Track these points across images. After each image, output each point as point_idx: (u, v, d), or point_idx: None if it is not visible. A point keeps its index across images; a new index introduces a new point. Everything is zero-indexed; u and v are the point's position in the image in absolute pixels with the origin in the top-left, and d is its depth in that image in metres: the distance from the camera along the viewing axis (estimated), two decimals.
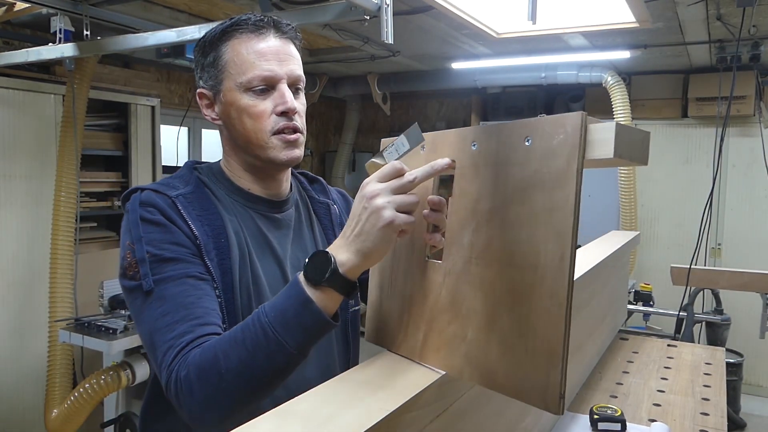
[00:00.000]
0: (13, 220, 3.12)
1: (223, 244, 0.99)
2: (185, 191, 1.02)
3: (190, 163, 1.12)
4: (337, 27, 3.38)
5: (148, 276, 0.91)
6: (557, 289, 0.63)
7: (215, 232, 1.00)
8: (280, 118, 1.01)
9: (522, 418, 1.13)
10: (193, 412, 0.82)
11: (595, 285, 1.67)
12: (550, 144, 0.65)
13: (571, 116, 0.64)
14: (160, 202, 0.98)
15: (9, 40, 3.24)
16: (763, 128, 4.19)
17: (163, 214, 0.97)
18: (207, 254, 0.97)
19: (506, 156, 0.70)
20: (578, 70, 4.29)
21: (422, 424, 0.72)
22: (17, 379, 3.15)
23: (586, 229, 4.08)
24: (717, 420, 1.44)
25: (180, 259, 0.94)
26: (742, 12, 2.54)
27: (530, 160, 0.67)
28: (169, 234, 0.96)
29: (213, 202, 1.04)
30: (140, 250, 0.94)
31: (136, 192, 1.01)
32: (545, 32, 3.32)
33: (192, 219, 0.98)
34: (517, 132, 0.69)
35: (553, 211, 0.64)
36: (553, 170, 0.64)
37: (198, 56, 1.07)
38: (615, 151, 0.61)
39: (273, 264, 1.06)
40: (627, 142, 0.63)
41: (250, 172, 1.08)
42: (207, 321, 0.90)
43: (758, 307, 2.58)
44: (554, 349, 0.63)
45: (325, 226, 1.18)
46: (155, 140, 3.83)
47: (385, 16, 1.84)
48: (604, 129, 0.62)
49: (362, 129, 6.14)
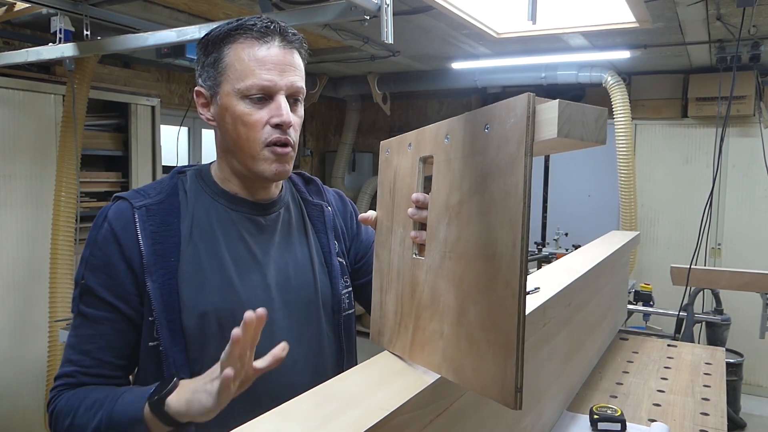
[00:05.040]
0: (13, 220, 3.12)
1: (173, 264, 0.99)
2: (152, 201, 1.02)
3: (178, 168, 1.11)
4: (337, 27, 3.38)
5: (75, 300, 1.02)
6: (511, 278, 0.62)
7: (167, 250, 1.00)
8: (274, 130, 1.00)
9: (522, 418, 1.12)
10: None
11: (595, 285, 1.67)
12: (504, 129, 0.64)
13: (520, 98, 0.62)
14: (118, 223, 1.00)
15: (9, 40, 3.25)
16: (763, 128, 4.19)
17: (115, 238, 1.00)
18: (150, 275, 0.98)
19: (471, 146, 0.69)
20: (578, 70, 4.29)
21: (422, 424, 0.72)
22: (17, 379, 3.15)
23: (586, 229, 4.08)
24: (717, 420, 1.44)
25: (105, 302, 0.99)
26: (742, 12, 2.54)
27: (489, 148, 0.66)
28: (108, 273, 0.99)
29: (176, 216, 1.03)
30: (79, 272, 1.02)
31: (116, 200, 1.04)
32: (545, 32, 3.32)
33: (145, 235, 0.99)
34: (478, 120, 0.68)
35: (506, 198, 0.62)
36: (506, 156, 0.63)
37: (200, 54, 1.06)
38: (559, 130, 0.59)
39: (252, 268, 1.04)
40: (575, 121, 0.61)
41: (239, 177, 1.07)
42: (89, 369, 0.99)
43: (758, 307, 2.58)
44: (509, 340, 0.61)
45: (318, 228, 1.16)
46: (155, 140, 3.83)
47: (385, 16, 1.84)
48: (549, 108, 0.61)
49: (362, 129, 6.14)
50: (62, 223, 3.08)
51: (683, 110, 4.52)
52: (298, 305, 1.08)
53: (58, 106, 3.26)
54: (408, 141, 0.86)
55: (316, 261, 1.12)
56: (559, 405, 1.42)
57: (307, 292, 1.10)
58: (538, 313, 1.11)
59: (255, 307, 1.01)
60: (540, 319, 1.14)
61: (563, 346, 1.38)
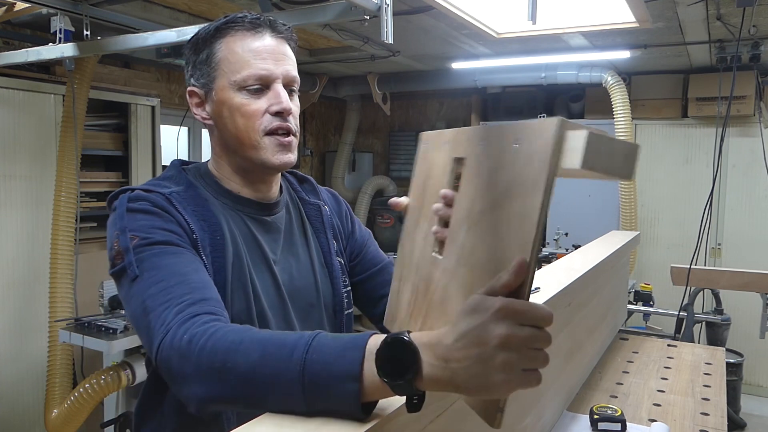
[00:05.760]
0: (13, 220, 3.11)
1: (219, 242, 0.96)
2: (178, 189, 0.99)
3: (177, 162, 1.08)
4: (337, 27, 3.38)
5: (132, 264, 0.86)
6: None
7: (212, 228, 0.96)
8: (274, 118, 0.99)
9: (522, 418, 1.12)
10: (186, 379, 0.74)
11: (595, 285, 1.67)
12: (531, 149, 0.63)
13: (549, 121, 0.61)
14: (153, 197, 0.94)
15: (9, 40, 3.24)
16: (763, 128, 4.19)
17: (154, 205, 0.92)
18: (202, 249, 0.93)
19: (500, 159, 0.69)
20: (578, 70, 4.29)
21: (422, 424, 0.72)
22: (17, 379, 3.15)
23: (586, 229, 4.08)
24: (717, 420, 1.44)
25: (171, 243, 0.89)
26: (742, 12, 2.54)
27: (514, 165, 0.65)
28: (160, 220, 0.91)
29: (205, 202, 1.01)
30: (125, 239, 0.88)
31: (125, 192, 0.96)
32: (545, 32, 3.32)
33: (188, 214, 0.95)
34: (510, 134, 0.68)
35: (522, 219, 0.62)
36: (529, 176, 0.62)
37: (189, 54, 1.04)
38: (583, 162, 0.57)
39: (264, 269, 1.03)
40: (602, 153, 0.59)
41: (241, 175, 1.05)
42: (206, 291, 0.84)
43: (758, 307, 2.58)
44: None
45: (317, 228, 1.15)
46: (155, 140, 3.82)
47: (385, 16, 1.84)
48: (577, 137, 0.59)
49: (362, 129, 6.14)
50: (62, 223, 3.07)
51: (683, 110, 4.51)
52: (302, 306, 1.08)
53: (58, 106, 3.25)
54: (446, 138, 0.86)
55: (317, 262, 1.12)
56: (559, 405, 1.42)
57: (310, 294, 1.09)
58: None
59: (272, 305, 1.02)
60: None
61: (563, 346, 1.38)
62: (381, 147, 6.22)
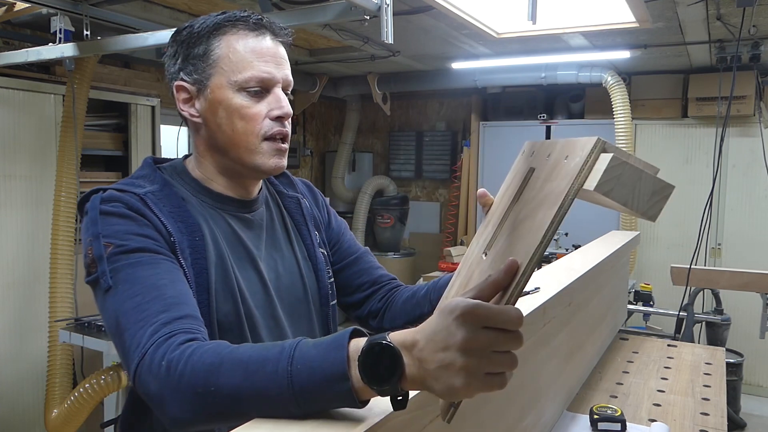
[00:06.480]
0: (14, 220, 3.11)
1: (199, 243, 0.92)
2: (153, 189, 0.95)
3: (150, 159, 1.03)
4: (337, 27, 3.38)
5: (106, 274, 0.83)
6: None
7: (190, 229, 0.93)
8: (274, 123, 0.97)
9: (522, 418, 1.13)
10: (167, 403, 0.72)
11: (595, 285, 1.67)
12: (570, 165, 0.63)
13: (590, 140, 0.60)
14: (127, 198, 0.90)
15: (9, 40, 3.24)
16: (763, 128, 4.19)
17: (129, 207, 0.89)
18: (181, 252, 0.89)
19: (551, 171, 0.69)
20: (578, 70, 4.29)
21: (422, 424, 0.72)
22: (17, 379, 3.15)
23: (586, 229, 4.09)
24: (717, 420, 1.44)
25: (147, 249, 0.85)
26: (742, 12, 2.54)
27: (557, 178, 0.65)
28: (135, 225, 0.87)
29: (182, 202, 0.97)
30: (98, 246, 0.85)
31: (96, 192, 0.92)
32: (545, 32, 3.32)
33: (164, 215, 0.91)
34: (566, 149, 0.67)
35: (537, 229, 0.62)
36: (558, 191, 0.62)
37: (179, 47, 1.00)
38: (599, 185, 0.55)
39: (249, 267, 1.01)
40: (625, 182, 0.56)
41: (225, 176, 1.02)
42: (182, 307, 0.80)
43: (758, 307, 2.58)
44: None
45: (297, 222, 1.13)
46: (155, 140, 3.82)
47: (385, 16, 1.84)
48: (603, 159, 0.57)
49: (362, 129, 6.14)
50: (62, 223, 3.07)
51: (683, 110, 4.51)
52: (290, 302, 1.07)
53: (58, 106, 3.25)
54: (534, 149, 0.86)
55: (300, 256, 1.11)
56: (559, 405, 1.42)
57: (297, 289, 1.08)
58: (538, 313, 1.11)
59: (259, 304, 1.01)
60: (540, 319, 1.14)
61: (563, 346, 1.38)
62: (381, 147, 6.22)
